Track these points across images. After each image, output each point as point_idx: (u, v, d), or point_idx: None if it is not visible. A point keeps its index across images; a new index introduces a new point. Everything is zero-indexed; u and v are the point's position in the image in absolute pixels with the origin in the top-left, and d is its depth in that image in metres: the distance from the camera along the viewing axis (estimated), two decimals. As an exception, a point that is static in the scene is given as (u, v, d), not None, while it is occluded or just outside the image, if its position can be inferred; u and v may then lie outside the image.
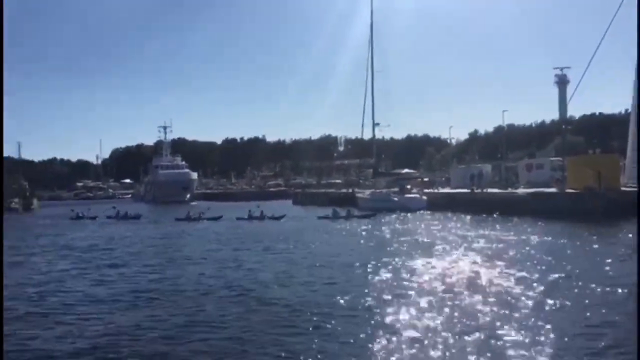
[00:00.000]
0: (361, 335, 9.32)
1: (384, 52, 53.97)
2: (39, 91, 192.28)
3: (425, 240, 23.35)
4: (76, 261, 20.96)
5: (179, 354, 8.88)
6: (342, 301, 11.88)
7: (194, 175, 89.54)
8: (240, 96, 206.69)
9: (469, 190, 43.22)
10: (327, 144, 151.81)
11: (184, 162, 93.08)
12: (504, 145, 72.01)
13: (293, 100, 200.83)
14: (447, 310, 10.73)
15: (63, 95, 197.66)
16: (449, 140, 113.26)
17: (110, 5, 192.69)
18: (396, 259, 17.53)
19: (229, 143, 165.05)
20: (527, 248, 19.42)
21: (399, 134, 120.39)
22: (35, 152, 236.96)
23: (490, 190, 42.56)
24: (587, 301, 11.16)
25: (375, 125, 53.15)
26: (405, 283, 13.70)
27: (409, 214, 39.50)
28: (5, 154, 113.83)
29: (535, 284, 12.92)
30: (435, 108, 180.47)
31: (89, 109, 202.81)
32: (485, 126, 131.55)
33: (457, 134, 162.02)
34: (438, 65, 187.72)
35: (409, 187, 48.95)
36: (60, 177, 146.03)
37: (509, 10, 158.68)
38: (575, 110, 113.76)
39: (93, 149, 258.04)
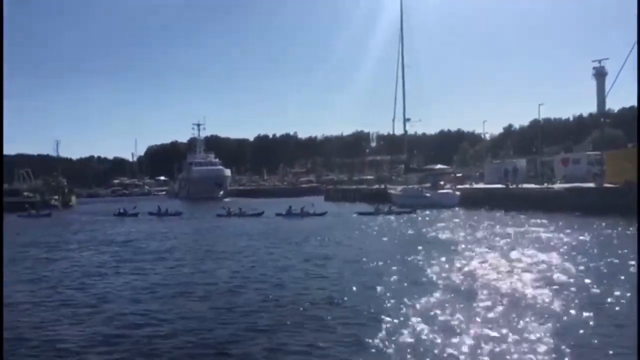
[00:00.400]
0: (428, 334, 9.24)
1: (414, 46, 53.69)
2: (77, 91, 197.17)
3: (470, 236, 22.86)
4: (119, 256, 21.13)
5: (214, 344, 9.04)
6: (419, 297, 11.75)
7: (228, 172, 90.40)
8: (272, 93, 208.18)
9: (503, 186, 42.51)
10: (358, 140, 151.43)
11: (217, 159, 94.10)
12: (539, 139, 70.60)
13: (324, 97, 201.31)
14: (515, 310, 10.47)
15: (100, 94, 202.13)
16: (483, 135, 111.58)
17: (144, 5, 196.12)
18: (451, 256, 17.24)
19: (261, 140, 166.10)
20: (575, 244, 18.94)
21: (432, 130, 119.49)
22: (74, 150, 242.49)
23: (525, 185, 41.79)
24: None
25: (406, 120, 52.79)
26: (476, 282, 13.37)
27: (444, 210, 38.87)
28: (44, 152, 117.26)
29: (594, 284, 12.57)
30: (469, 103, 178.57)
31: (125, 108, 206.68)
32: (521, 120, 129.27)
33: (491, 128, 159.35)
34: (471, 59, 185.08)
35: (441, 182, 48.37)
36: (97, 174, 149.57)
37: (543, 2, 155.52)
38: (614, 103, 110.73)
39: (129, 147, 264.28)
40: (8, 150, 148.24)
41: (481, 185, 49.95)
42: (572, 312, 10.19)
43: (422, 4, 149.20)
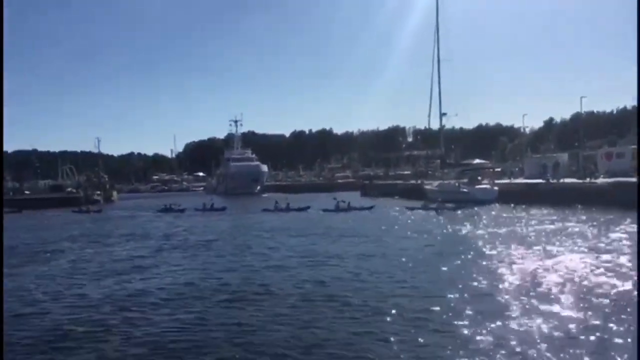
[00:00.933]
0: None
1: (451, 39, 52.76)
2: (118, 90, 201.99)
3: (517, 234, 22.11)
4: (221, 254, 20.64)
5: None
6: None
7: (264, 167, 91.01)
8: (308, 89, 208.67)
9: (544, 181, 41.55)
10: (394, 134, 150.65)
11: (254, 155, 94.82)
12: (581, 133, 68.73)
13: (360, 92, 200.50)
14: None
15: (140, 92, 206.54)
16: (522, 129, 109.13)
17: (182, 3, 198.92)
18: (502, 254, 16.89)
19: (297, 136, 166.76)
20: (624, 242, 18.18)
21: (469, 124, 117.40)
22: (115, 147, 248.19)
23: (567, 180, 40.74)
24: None
25: (442, 115, 52.12)
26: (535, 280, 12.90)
27: (484, 206, 38.19)
28: (86, 149, 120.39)
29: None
30: (508, 96, 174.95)
31: (164, 105, 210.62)
32: (562, 114, 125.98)
33: (532, 122, 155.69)
34: (510, 52, 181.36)
35: (479, 177, 47.47)
36: (137, 170, 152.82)
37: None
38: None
39: (168, 144, 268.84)
40: (53, 147, 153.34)
41: (520, 180, 48.95)
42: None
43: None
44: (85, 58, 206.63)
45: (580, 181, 39.48)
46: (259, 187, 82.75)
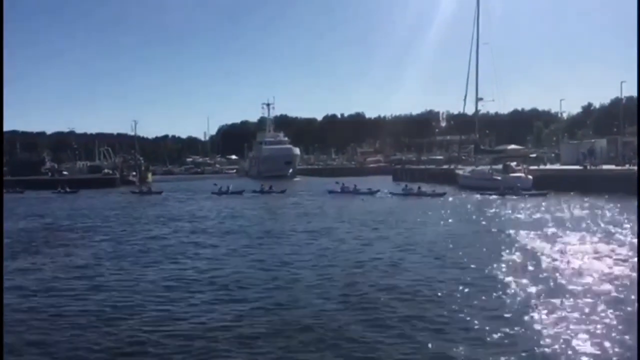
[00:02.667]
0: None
1: (490, 23, 51.72)
2: (154, 73, 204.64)
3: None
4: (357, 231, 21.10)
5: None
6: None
7: (297, 150, 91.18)
8: (341, 72, 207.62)
9: (581, 167, 40.69)
10: (428, 119, 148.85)
11: (286, 138, 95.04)
12: (621, 118, 66.84)
13: (393, 76, 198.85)
14: None
15: (174, 76, 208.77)
16: (559, 114, 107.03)
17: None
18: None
19: (330, 119, 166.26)
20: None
21: (505, 109, 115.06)
22: (150, 129, 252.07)
23: (605, 166, 39.81)
24: None
25: (478, 99, 51.34)
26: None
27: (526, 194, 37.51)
28: (123, 131, 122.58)
29: None
30: (545, 81, 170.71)
31: (198, 88, 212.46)
32: (601, 99, 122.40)
33: (569, 107, 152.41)
34: (548, 35, 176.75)
35: (514, 164, 46.53)
36: (171, 153, 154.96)
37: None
38: None
39: (201, 126, 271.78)
40: (90, 129, 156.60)
41: (557, 167, 48.04)
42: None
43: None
44: (122, 42, 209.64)
45: (619, 168, 38.57)
46: (291, 170, 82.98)
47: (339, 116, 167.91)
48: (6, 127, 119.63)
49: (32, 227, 25.33)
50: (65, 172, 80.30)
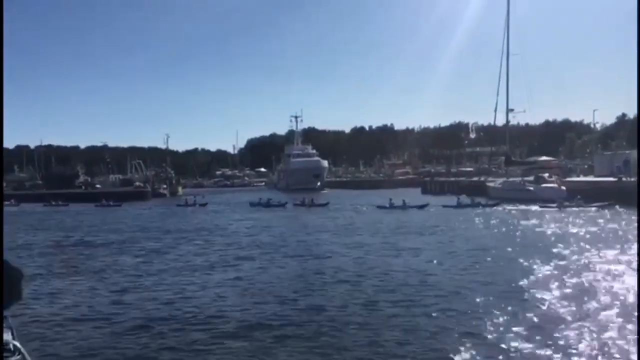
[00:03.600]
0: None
1: (520, 33, 51.29)
2: (184, 88, 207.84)
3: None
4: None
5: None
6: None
7: (325, 163, 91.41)
8: (369, 85, 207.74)
9: (615, 179, 39.75)
10: (457, 131, 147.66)
11: (314, 151, 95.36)
12: (657, 129, 65.19)
13: (421, 87, 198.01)
14: None
15: (205, 89, 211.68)
16: (592, 125, 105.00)
17: (243, 2, 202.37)
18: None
19: (358, 131, 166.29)
20: None
21: (536, 120, 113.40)
22: (180, 143, 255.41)
23: (641, 178, 38.79)
24: None
25: (509, 110, 50.82)
26: None
27: (550, 205, 36.86)
28: (154, 144, 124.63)
29: None
30: (577, 92, 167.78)
31: (227, 102, 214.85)
32: (635, 109, 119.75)
33: (603, 118, 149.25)
34: (580, 44, 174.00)
35: (546, 175, 45.86)
36: (200, 165, 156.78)
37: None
38: None
39: (230, 139, 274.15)
40: (122, 143, 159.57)
41: (590, 178, 47.05)
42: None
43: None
44: (152, 58, 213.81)
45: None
46: (319, 183, 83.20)
47: (367, 128, 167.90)
48: (42, 142, 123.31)
49: (127, 238, 26.17)
50: (98, 185, 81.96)
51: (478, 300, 11.41)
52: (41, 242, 25.37)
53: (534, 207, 36.29)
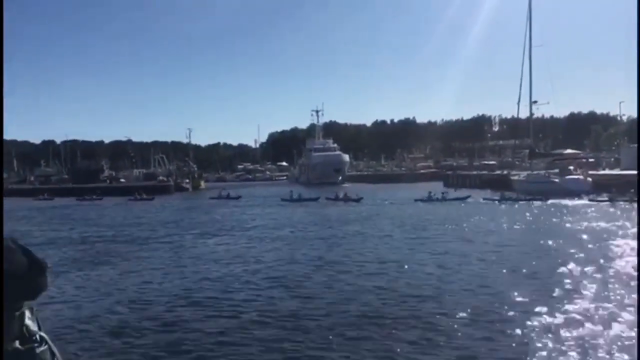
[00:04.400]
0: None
1: (544, 24, 50.51)
2: (206, 83, 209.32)
3: None
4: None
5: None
6: None
7: (346, 157, 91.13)
8: (390, 78, 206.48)
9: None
10: (479, 124, 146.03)
11: (335, 145, 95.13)
12: (686, 121, 63.70)
13: (443, 80, 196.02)
14: None
15: (226, 83, 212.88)
16: (619, 117, 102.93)
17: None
18: None
19: (379, 125, 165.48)
20: None
21: (561, 112, 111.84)
22: (203, 137, 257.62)
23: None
24: None
25: (532, 103, 50.11)
26: None
27: (575, 199, 36.29)
28: (177, 139, 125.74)
29: None
30: (604, 82, 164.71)
31: (248, 96, 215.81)
32: (636, 109, 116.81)
33: (629, 109, 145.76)
34: (606, 33, 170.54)
35: (571, 168, 45.16)
36: (223, 160, 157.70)
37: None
38: None
39: (252, 134, 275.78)
40: (146, 138, 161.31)
41: (617, 172, 46.23)
42: None
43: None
44: (175, 53, 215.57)
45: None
46: (340, 177, 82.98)
47: (389, 122, 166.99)
48: (68, 137, 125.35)
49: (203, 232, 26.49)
50: (122, 180, 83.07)
51: None
52: (115, 235, 26.29)
53: (581, 201, 35.37)
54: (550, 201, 36.20)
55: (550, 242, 18.70)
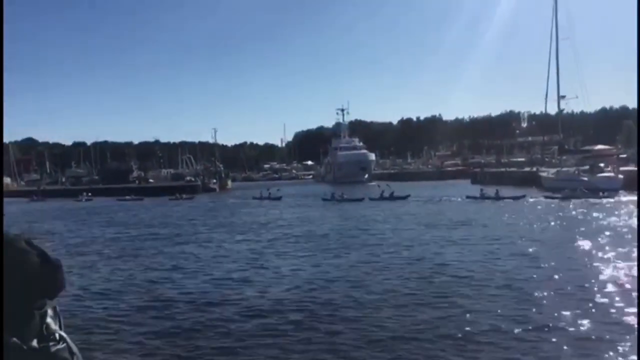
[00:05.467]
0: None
1: (571, 16, 49.51)
2: (232, 83, 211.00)
3: None
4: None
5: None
6: None
7: (372, 156, 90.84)
8: (415, 76, 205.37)
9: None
10: (508, 120, 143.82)
11: (361, 143, 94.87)
12: None
13: (470, 76, 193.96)
14: None
15: (251, 84, 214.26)
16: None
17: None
18: None
19: (405, 123, 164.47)
20: None
21: (591, 107, 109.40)
22: (229, 137, 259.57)
23: None
24: None
25: (560, 98, 49.20)
26: None
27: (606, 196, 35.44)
28: (203, 139, 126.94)
29: None
30: (636, 75, 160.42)
31: (273, 96, 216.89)
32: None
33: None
34: (635, 25, 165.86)
35: (602, 164, 44.09)
36: (249, 159, 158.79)
37: None
38: None
39: (278, 133, 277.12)
40: (173, 138, 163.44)
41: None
42: None
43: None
44: (201, 53, 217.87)
45: None
46: (366, 176, 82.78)
47: (415, 119, 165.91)
48: (98, 139, 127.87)
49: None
50: (151, 180, 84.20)
51: None
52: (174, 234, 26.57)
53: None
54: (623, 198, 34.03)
55: None
